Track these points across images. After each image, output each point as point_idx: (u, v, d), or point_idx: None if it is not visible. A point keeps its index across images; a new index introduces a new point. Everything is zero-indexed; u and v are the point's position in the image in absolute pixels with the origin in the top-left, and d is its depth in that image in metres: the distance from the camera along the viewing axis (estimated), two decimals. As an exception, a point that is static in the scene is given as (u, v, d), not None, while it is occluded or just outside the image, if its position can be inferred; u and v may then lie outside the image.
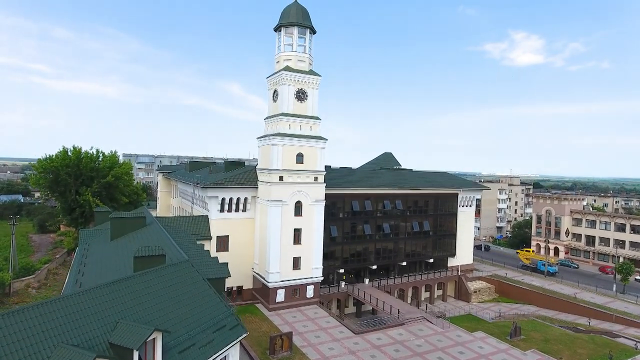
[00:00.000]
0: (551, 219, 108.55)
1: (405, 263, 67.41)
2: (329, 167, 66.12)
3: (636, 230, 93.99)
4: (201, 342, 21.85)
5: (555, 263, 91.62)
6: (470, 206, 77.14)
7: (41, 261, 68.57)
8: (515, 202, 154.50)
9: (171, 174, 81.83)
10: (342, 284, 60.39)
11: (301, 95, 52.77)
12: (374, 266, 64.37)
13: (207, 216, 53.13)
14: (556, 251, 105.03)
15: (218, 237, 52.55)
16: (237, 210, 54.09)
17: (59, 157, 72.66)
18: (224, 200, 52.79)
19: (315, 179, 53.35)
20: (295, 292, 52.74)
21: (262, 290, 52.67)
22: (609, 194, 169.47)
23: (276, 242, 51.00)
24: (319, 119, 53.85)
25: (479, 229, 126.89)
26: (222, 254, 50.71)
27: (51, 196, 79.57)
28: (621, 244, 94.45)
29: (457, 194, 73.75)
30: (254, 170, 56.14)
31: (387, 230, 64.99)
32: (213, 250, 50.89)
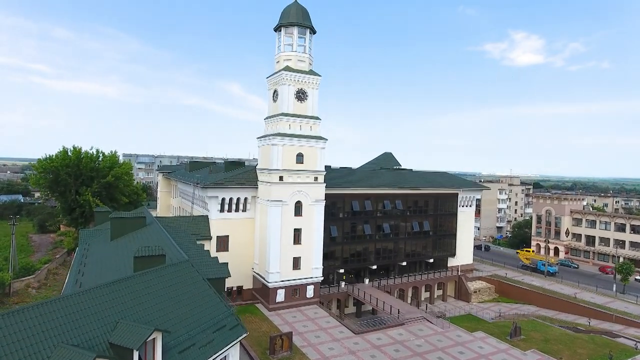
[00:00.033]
0: (551, 219, 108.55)
1: (405, 263, 67.41)
2: (329, 167, 66.12)
3: (636, 230, 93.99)
4: (201, 342, 21.85)
5: (555, 263, 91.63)
6: (470, 206, 77.15)
7: (41, 261, 68.58)
8: (515, 202, 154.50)
9: (171, 174, 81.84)
10: (342, 284, 60.40)
11: (301, 95, 52.78)
12: (374, 266, 64.37)
13: (207, 216, 53.14)
14: (556, 251, 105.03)
15: (218, 237, 52.57)
16: (237, 210, 54.10)
17: (59, 157, 72.69)
18: (224, 200, 52.80)
19: (315, 179, 53.36)
20: (295, 292, 52.74)
21: (262, 290, 52.68)
22: (609, 194, 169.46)
23: (276, 242, 51.01)
24: (319, 119, 53.86)
25: (479, 229, 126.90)
26: (222, 254, 50.72)
27: (51, 196, 79.59)
28: (621, 244, 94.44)
29: (457, 194, 73.75)
30: (254, 170, 56.15)
31: (387, 230, 65.00)
32: (213, 250, 50.90)
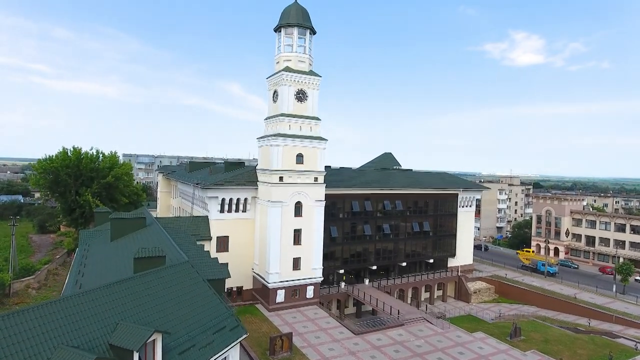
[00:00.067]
0: (551, 219, 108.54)
1: (405, 263, 67.42)
2: (329, 167, 66.14)
3: (636, 230, 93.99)
4: (201, 344, 21.86)
5: (555, 263, 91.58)
6: (470, 206, 77.15)
7: (41, 262, 68.56)
8: (515, 202, 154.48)
9: (171, 174, 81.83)
10: (342, 284, 60.40)
11: (301, 96, 52.79)
12: (374, 266, 64.38)
13: (207, 217, 53.14)
14: (556, 251, 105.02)
15: (218, 238, 52.56)
16: (237, 210, 54.09)
17: (59, 158, 72.76)
18: (224, 200, 52.80)
19: (315, 179, 53.36)
20: (295, 292, 52.75)
21: (262, 291, 52.68)
22: (609, 194, 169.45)
23: (276, 242, 51.01)
24: (319, 119, 53.87)
25: (479, 229, 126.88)
26: (222, 254, 50.73)
27: (51, 197, 79.64)
28: (621, 244, 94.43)
29: (457, 194, 73.76)
30: (254, 171, 56.15)
31: (387, 231, 64.99)
32: (213, 250, 50.89)
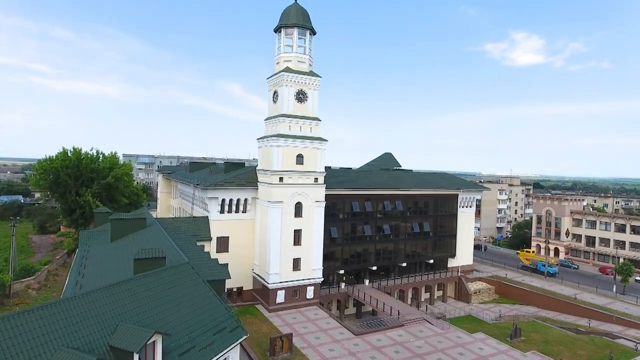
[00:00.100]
0: (551, 220, 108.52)
1: (405, 264, 67.39)
2: (329, 167, 66.13)
3: (636, 230, 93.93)
4: (201, 345, 21.87)
5: (555, 264, 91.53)
6: (470, 207, 77.14)
7: (41, 262, 68.57)
8: (516, 202, 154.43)
9: (171, 174, 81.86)
10: (342, 285, 60.39)
11: (301, 97, 52.80)
12: (374, 267, 64.35)
13: (207, 217, 53.14)
14: (556, 252, 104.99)
15: (218, 238, 52.57)
16: (237, 211, 54.10)
17: (59, 158, 72.79)
18: (224, 201, 52.80)
19: (316, 180, 53.37)
20: (295, 293, 52.74)
21: (262, 291, 52.68)
22: (609, 195, 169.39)
23: (276, 243, 51.02)
24: (319, 120, 53.87)
25: (479, 229, 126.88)
26: (222, 255, 50.79)
27: (51, 197, 79.64)
28: (621, 244, 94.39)
29: (457, 194, 73.75)
30: (254, 171, 56.16)
31: (387, 231, 64.96)
32: (213, 251, 50.91)
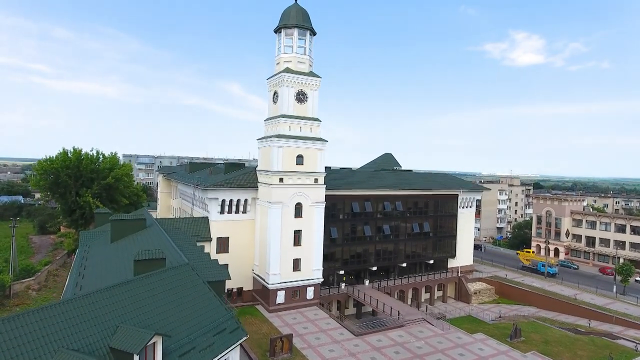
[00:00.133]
0: (551, 220, 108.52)
1: (405, 264, 67.39)
2: (329, 168, 66.12)
3: (636, 231, 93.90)
4: (201, 346, 21.88)
5: (555, 264, 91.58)
6: (470, 207, 77.14)
7: (41, 263, 68.61)
8: (516, 202, 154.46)
9: (171, 175, 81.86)
10: (342, 285, 60.40)
11: (301, 97, 52.82)
12: (374, 267, 64.37)
13: (207, 217, 53.16)
14: (556, 252, 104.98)
15: (218, 239, 52.59)
16: (237, 211, 54.11)
17: (59, 159, 72.84)
18: (224, 201, 52.81)
19: (316, 180, 53.38)
20: (295, 293, 52.75)
21: (263, 292, 52.69)
22: (609, 195, 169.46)
23: (276, 243, 51.03)
24: (319, 120, 53.89)
25: (479, 229, 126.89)
26: (222, 255, 50.81)
27: (51, 197, 79.64)
28: (621, 245, 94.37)
29: (457, 195, 73.75)
30: (254, 172, 56.18)
31: (387, 232, 64.96)
32: (213, 251, 50.93)
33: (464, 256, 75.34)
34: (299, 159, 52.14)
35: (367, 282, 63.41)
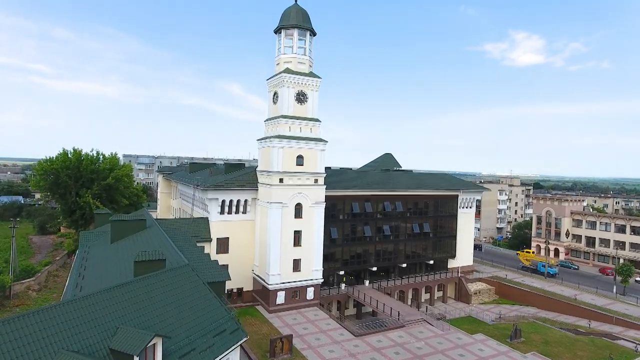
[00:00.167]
0: (551, 220, 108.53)
1: (405, 265, 67.41)
2: (329, 168, 66.15)
3: (636, 231, 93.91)
4: (201, 347, 21.87)
5: (555, 264, 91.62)
6: (470, 207, 77.14)
7: (41, 263, 68.55)
8: (516, 202, 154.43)
9: (171, 175, 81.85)
10: (342, 285, 60.41)
11: (301, 98, 52.83)
12: (374, 268, 64.40)
13: (207, 218, 53.16)
14: (556, 252, 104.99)
15: (218, 239, 52.58)
16: (237, 212, 54.11)
17: (59, 159, 72.87)
18: (224, 202, 52.80)
19: (316, 180, 53.39)
20: (295, 294, 52.75)
21: (263, 292, 52.69)
22: (609, 195, 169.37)
23: (276, 244, 51.03)
24: (319, 121, 53.90)
25: (479, 230, 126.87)
26: (222, 255, 50.80)
27: (51, 198, 79.66)
28: (621, 245, 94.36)
29: (457, 195, 73.75)
30: (254, 172, 56.18)
31: (387, 232, 64.96)
32: (213, 252, 50.92)
33: (464, 256, 75.35)
34: (299, 160, 52.15)
35: (367, 282, 63.42)
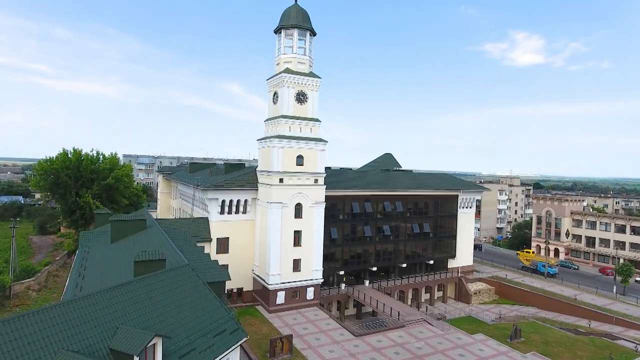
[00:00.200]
0: (551, 220, 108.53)
1: (405, 265, 67.41)
2: (329, 168, 66.13)
3: (636, 231, 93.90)
4: (201, 347, 21.88)
5: (555, 264, 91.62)
6: (470, 207, 77.14)
7: (41, 263, 68.54)
8: (516, 202, 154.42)
9: (171, 175, 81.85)
10: (342, 285, 60.41)
11: (301, 98, 52.83)
12: (374, 268, 64.39)
13: (207, 218, 53.16)
14: (556, 252, 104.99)
15: (218, 239, 52.58)
16: (237, 212, 54.11)
17: (59, 159, 72.86)
18: (224, 202, 52.81)
19: (316, 180, 53.39)
20: (295, 294, 52.75)
21: (263, 292, 52.69)
22: (609, 195, 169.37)
23: (276, 244, 51.03)
24: (319, 121, 53.90)
25: (479, 230, 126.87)
26: (222, 256, 50.80)
27: (51, 198, 79.67)
28: (621, 245, 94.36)
29: (457, 195, 73.74)
30: (254, 172, 56.18)
31: (387, 232, 64.96)
32: (213, 252, 50.92)
33: (464, 256, 75.34)
34: (299, 160, 52.16)
35: (367, 282, 63.42)
